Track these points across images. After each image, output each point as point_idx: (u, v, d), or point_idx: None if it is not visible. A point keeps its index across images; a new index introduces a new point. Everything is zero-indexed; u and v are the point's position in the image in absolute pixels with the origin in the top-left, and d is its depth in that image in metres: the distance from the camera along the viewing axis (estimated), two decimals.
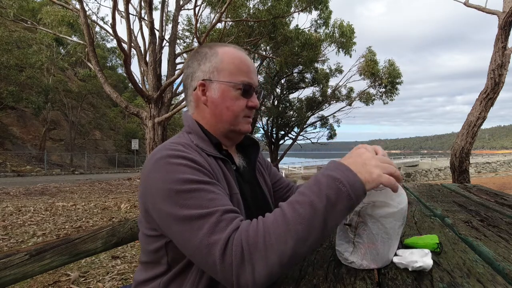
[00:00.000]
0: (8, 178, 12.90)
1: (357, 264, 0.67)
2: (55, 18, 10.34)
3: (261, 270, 0.55)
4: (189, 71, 0.82)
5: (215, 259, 0.56)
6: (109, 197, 7.91)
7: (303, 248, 0.55)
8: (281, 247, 0.54)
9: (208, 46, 0.83)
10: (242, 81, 0.78)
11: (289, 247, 0.54)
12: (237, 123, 0.80)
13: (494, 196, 1.64)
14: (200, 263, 0.60)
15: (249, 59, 0.82)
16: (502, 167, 28.02)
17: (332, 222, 0.56)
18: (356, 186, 0.57)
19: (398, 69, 16.85)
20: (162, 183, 0.63)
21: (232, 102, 0.78)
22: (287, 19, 12.45)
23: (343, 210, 0.56)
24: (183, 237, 0.60)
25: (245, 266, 0.55)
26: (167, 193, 0.62)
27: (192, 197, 0.61)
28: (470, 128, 4.86)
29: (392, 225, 0.65)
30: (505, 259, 0.69)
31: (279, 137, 20.49)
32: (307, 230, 0.55)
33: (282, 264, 0.55)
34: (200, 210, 0.60)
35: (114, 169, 21.30)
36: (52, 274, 2.64)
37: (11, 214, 5.17)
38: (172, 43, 9.13)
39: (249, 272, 0.55)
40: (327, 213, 0.55)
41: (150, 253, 0.72)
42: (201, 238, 0.58)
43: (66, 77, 23.81)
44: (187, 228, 0.59)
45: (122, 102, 7.36)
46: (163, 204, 0.62)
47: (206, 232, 0.58)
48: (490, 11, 4.86)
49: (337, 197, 0.56)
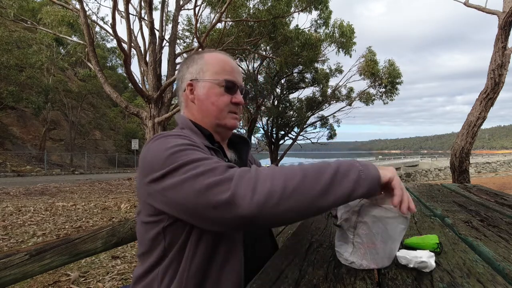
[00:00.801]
0: (8, 178, 12.90)
1: (357, 264, 0.67)
2: (55, 18, 10.33)
3: (264, 187, 0.54)
4: (180, 75, 0.90)
5: (216, 174, 0.56)
6: (109, 197, 7.91)
7: (306, 192, 0.55)
8: (289, 177, 0.55)
9: (198, 52, 0.91)
10: (225, 78, 0.84)
11: (296, 180, 0.55)
12: (222, 118, 0.85)
13: (494, 196, 1.64)
14: (197, 192, 0.57)
15: (233, 61, 0.89)
16: (502, 167, 28.02)
17: (339, 186, 0.57)
18: (369, 166, 0.61)
19: (398, 69, 16.85)
20: (158, 152, 0.65)
21: (216, 98, 0.84)
22: (287, 19, 12.45)
23: (350, 181, 0.57)
24: (180, 180, 0.59)
25: (247, 178, 0.55)
26: (163, 160, 0.63)
27: (188, 154, 0.63)
28: (470, 128, 4.86)
29: (394, 226, 0.65)
30: (505, 259, 0.69)
31: (279, 137, 20.49)
32: (316, 177, 0.56)
33: (284, 193, 0.54)
34: (197, 156, 0.62)
35: (114, 169, 21.30)
36: (52, 274, 2.64)
37: (11, 214, 5.17)
38: (172, 43, 9.13)
39: (251, 185, 0.54)
40: (337, 173, 0.57)
41: (148, 241, 0.73)
42: (201, 169, 0.58)
43: (66, 77, 23.82)
44: (185, 170, 0.60)
45: (122, 102, 7.36)
46: (160, 171, 0.63)
47: (208, 163, 0.60)
48: (490, 11, 4.86)
49: (350, 166, 0.59)
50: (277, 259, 0.74)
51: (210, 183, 0.56)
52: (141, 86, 7.99)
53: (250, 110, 16.96)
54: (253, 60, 17.01)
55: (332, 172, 0.57)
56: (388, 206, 0.64)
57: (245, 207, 0.53)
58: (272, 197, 0.53)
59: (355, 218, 0.67)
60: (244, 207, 0.53)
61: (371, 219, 0.65)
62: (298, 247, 0.83)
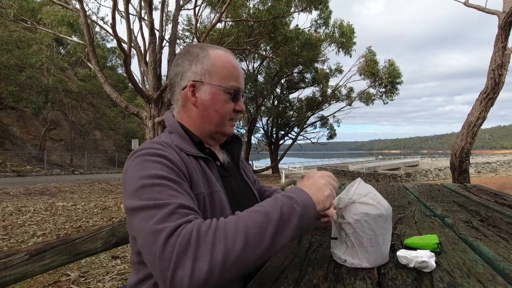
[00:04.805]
0: (8, 178, 12.89)
1: (349, 262, 0.68)
2: (55, 18, 10.34)
3: (203, 266, 0.51)
4: (179, 69, 0.82)
5: (157, 247, 0.53)
6: (109, 197, 7.92)
7: (249, 255, 0.54)
8: (229, 245, 0.53)
9: (199, 46, 0.84)
10: (232, 86, 0.80)
11: (237, 247, 0.53)
12: (223, 125, 0.83)
13: (494, 196, 1.64)
14: (144, 253, 0.57)
15: (238, 64, 0.85)
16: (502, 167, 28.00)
17: (282, 237, 0.57)
18: (308, 207, 0.61)
19: (398, 69, 16.87)
20: (132, 180, 0.64)
21: (221, 105, 0.80)
22: (287, 19, 12.46)
23: (293, 228, 0.58)
24: (138, 226, 0.58)
25: (186, 257, 0.51)
26: (134, 189, 0.63)
27: (154, 191, 0.61)
28: (470, 128, 4.86)
29: (375, 221, 0.67)
30: (505, 259, 0.69)
31: (279, 137, 20.50)
32: (258, 235, 0.55)
33: (226, 265, 0.52)
34: (157, 201, 0.59)
35: (114, 169, 21.29)
36: (52, 274, 2.64)
37: (11, 214, 5.17)
38: (172, 43, 9.12)
39: (189, 266, 0.51)
40: (279, 225, 0.57)
41: (138, 253, 0.72)
42: (150, 225, 0.56)
43: (66, 77, 23.80)
44: (142, 216, 0.58)
45: (122, 102, 7.36)
46: (129, 200, 0.63)
47: (157, 219, 0.56)
48: (490, 11, 4.86)
49: (290, 213, 0.58)
50: (277, 259, 0.74)
51: (156, 250, 0.53)
52: (141, 86, 7.99)
53: (250, 110, 16.95)
54: (253, 60, 17.02)
55: (274, 227, 0.56)
56: (366, 202, 0.68)
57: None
58: (212, 274, 0.51)
59: (341, 220, 0.70)
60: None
61: (352, 218, 0.67)
62: (298, 247, 0.83)
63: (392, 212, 0.71)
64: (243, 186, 0.90)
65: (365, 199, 0.68)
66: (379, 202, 0.68)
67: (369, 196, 0.69)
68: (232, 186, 0.84)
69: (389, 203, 0.72)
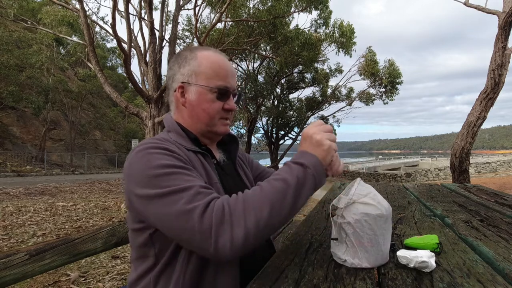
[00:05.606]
0: (8, 178, 12.89)
1: (349, 262, 0.68)
2: (55, 18, 10.33)
3: (239, 232, 0.58)
4: (171, 73, 0.86)
5: (194, 223, 0.58)
6: (109, 197, 7.92)
7: (276, 218, 0.62)
8: (258, 213, 0.60)
9: (189, 49, 0.87)
10: (218, 85, 0.81)
11: (265, 213, 0.60)
12: (213, 125, 0.84)
13: (494, 196, 1.64)
14: (179, 233, 0.61)
15: (228, 63, 0.86)
16: (502, 167, 28.01)
17: (301, 198, 0.65)
18: (317, 166, 0.69)
19: (398, 69, 16.85)
20: (141, 171, 0.67)
21: (208, 105, 0.82)
22: (287, 19, 12.45)
23: (309, 188, 0.67)
24: (162, 212, 0.62)
25: (224, 226, 0.58)
26: (146, 179, 0.65)
27: (170, 179, 0.65)
28: (470, 128, 4.86)
29: (375, 221, 0.67)
30: (505, 259, 0.69)
31: (279, 137, 20.48)
32: (281, 200, 0.62)
33: (258, 229, 0.59)
34: (178, 186, 0.63)
35: (114, 169, 21.29)
36: (52, 274, 2.64)
37: (11, 214, 5.17)
38: (172, 43, 9.11)
39: (228, 232, 0.58)
40: (297, 188, 0.65)
41: (138, 248, 0.74)
42: (180, 207, 0.60)
43: (66, 77, 23.80)
44: (166, 201, 0.62)
45: (122, 102, 7.36)
46: (143, 189, 0.65)
47: (185, 201, 0.61)
48: (490, 11, 4.86)
49: (304, 175, 0.66)
50: (277, 259, 0.74)
51: (194, 225, 0.59)
52: (141, 86, 7.98)
53: (250, 110, 16.96)
54: (253, 60, 17.00)
55: (293, 191, 0.64)
56: (365, 202, 0.68)
57: (227, 254, 0.59)
58: (248, 238, 0.59)
59: (341, 220, 0.70)
60: (226, 253, 0.58)
61: (352, 218, 0.67)
62: (298, 247, 0.83)
63: (392, 212, 0.71)
64: (239, 185, 0.91)
65: (365, 199, 0.68)
66: (379, 202, 0.68)
67: (369, 196, 0.69)
68: (228, 183, 0.86)
69: (389, 203, 0.72)
